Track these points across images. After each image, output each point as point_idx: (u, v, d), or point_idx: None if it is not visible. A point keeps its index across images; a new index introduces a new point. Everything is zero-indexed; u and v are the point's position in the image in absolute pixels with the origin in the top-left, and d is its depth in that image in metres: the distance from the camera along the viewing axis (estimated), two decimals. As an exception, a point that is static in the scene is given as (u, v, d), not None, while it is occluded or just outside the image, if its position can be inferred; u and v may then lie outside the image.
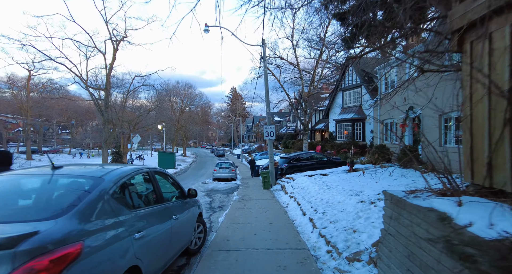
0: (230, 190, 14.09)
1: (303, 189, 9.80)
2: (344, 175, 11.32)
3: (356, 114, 20.77)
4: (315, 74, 19.09)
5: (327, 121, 30.71)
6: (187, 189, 4.58)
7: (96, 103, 25.14)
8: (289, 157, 15.61)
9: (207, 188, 15.35)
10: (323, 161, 15.71)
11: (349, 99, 22.44)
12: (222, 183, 17.54)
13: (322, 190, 8.61)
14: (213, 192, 13.47)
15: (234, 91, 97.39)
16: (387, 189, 7.00)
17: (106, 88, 24.85)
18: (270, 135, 13.82)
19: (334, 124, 23.70)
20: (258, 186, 14.54)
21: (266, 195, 11.16)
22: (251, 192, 12.20)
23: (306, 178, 11.46)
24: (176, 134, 48.30)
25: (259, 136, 70.42)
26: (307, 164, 15.42)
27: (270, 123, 13.91)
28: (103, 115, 24.87)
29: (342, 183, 9.30)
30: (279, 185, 13.29)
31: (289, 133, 40.26)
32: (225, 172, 18.77)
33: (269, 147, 14.01)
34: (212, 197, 11.54)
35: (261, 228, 5.84)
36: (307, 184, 10.36)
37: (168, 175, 4.26)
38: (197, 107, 53.50)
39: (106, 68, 24.33)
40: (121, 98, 29.42)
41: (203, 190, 14.28)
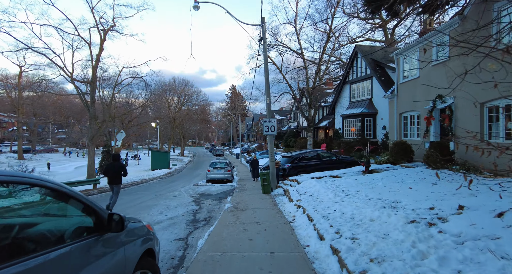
0: (224, 195, 12.08)
1: (313, 195, 7.77)
2: (361, 178, 9.29)
3: (366, 109, 18.73)
4: (321, 63, 17.01)
5: (331, 118, 28.66)
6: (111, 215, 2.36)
7: (82, 97, 23.11)
8: (292, 156, 13.59)
9: (198, 191, 13.33)
10: (332, 160, 13.69)
11: (357, 93, 20.40)
12: (216, 186, 15.53)
13: (339, 199, 6.58)
14: (203, 197, 11.45)
15: (233, 90, 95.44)
16: (435, 199, 4.93)
17: (92, 81, 22.81)
18: (270, 130, 11.79)
19: (341, 120, 21.65)
20: (256, 190, 12.52)
21: (266, 202, 9.13)
22: (248, 198, 10.17)
23: (314, 181, 9.43)
24: (172, 133, 46.28)
25: (259, 135, 68.37)
26: (313, 164, 13.40)
27: (270, 116, 11.89)
28: (89, 110, 22.86)
29: (363, 189, 7.27)
30: (282, 189, 11.27)
31: (291, 131, 38.22)
32: (220, 173, 16.75)
33: (270, 144, 12.00)
34: (200, 204, 9.51)
35: (257, 263, 3.80)
36: (316, 188, 8.33)
37: (71, 194, 2.11)
38: (194, 104, 51.49)
39: (92, 59, 22.29)
40: (110, 93, 27.40)
41: (192, 194, 12.26)
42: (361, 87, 19.95)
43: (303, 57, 17.48)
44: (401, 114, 13.06)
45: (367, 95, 19.35)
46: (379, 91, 18.03)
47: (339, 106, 22.74)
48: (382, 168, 10.98)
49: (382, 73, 17.91)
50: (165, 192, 12.94)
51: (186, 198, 10.88)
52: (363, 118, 18.92)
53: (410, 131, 12.52)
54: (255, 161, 16.97)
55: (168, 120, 46.45)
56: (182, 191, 13.19)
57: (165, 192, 13.17)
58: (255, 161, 17.00)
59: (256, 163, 16.93)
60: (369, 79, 18.93)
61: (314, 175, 11.24)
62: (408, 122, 12.62)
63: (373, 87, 18.72)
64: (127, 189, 15.29)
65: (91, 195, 12.63)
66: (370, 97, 18.92)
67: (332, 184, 8.70)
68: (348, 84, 21.33)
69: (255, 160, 17.04)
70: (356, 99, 20.41)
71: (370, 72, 18.54)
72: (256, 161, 17.08)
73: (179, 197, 11.38)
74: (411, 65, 12.12)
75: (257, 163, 16.95)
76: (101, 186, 15.31)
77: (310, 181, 9.27)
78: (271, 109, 12.03)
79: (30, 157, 57.04)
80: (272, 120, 11.87)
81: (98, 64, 23.24)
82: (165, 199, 10.66)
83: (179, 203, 9.65)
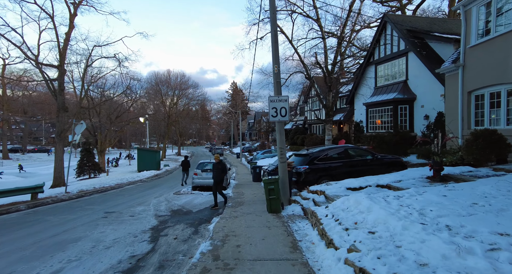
0: (209, 213, 7.99)
1: (381, 237, 3.62)
2: (445, 190, 5.17)
3: (400, 94, 14.55)
4: (344, 34, 12.80)
5: (346, 111, 24.48)
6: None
7: (49, 84, 19.16)
8: (310, 155, 9.45)
9: (173, 205, 9.26)
10: (366, 160, 9.56)
11: (386, 75, 16.21)
12: (204, 195, 11.46)
13: (470, 255, 2.45)
14: (174, 218, 7.37)
15: (234, 86, 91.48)
16: None
17: (60, 64, 18.84)
18: (280, 114, 7.68)
19: (363, 110, 17.47)
20: (259, 204, 8.44)
21: (277, 239, 5.03)
22: (244, 224, 6.07)
23: (362, 197, 5.20)
24: (168, 130, 42.20)
25: (261, 134, 64.24)
26: (340, 166, 9.28)
27: (279, 93, 7.76)
28: (57, 99, 18.89)
29: (483, 219, 3.15)
30: (298, 206, 7.15)
31: (297, 128, 34.03)
32: (210, 176, 12.63)
33: (278, 136, 7.87)
34: (157, 240, 5.35)
35: None
36: (378, 216, 4.18)
37: None
38: (191, 99, 47.36)
39: (57, 37, 18.30)
40: (88, 81, 23.44)
41: (162, 211, 8.18)
42: (392, 68, 15.75)
43: (320, 24, 13.29)
44: (470, 93, 8.88)
45: (400, 77, 15.16)
46: (418, 71, 13.85)
47: (359, 94, 18.54)
48: (460, 172, 6.83)
49: (423, 46, 13.71)
50: (125, 207, 8.87)
51: (145, 222, 6.79)
52: (395, 106, 14.73)
53: (490, 116, 8.35)
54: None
55: (162, 116, 42.45)
56: (151, 206, 9.10)
57: (125, 206, 9.09)
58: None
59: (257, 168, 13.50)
60: (404, 56, 14.73)
61: (350, 184, 7.11)
62: (486, 104, 8.44)
63: (408, 66, 14.52)
64: (84, 198, 11.25)
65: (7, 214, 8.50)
66: (405, 79, 14.73)
67: (401, 204, 4.57)
68: (372, 66, 17.13)
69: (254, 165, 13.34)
70: (385, 83, 16.22)
71: (406, 47, 14.35)
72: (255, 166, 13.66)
73: (137, 218, 7.30)
74: (495, 15, 7.91)
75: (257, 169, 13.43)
76: (48, 195, 11.27)
77: (355, 198, 5.10)
78: (280, 83, 7.89)
79: (16, 157, 53.42)
80: (282, 98, 7.75)
81: (67, 45, 19.26)
82: (110, 224, 6.58)
83: (122, 236, 5.55)
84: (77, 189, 13.47)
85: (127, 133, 61.44)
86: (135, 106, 44.47)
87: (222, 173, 8.84)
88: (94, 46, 18.42)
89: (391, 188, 6.73)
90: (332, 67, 13.40)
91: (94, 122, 30.33)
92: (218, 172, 8.77)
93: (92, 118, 30.00)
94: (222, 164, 9.04)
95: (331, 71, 13.26)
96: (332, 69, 13.32)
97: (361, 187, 7.00)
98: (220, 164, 8.98)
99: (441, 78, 12.08)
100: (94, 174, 26.28)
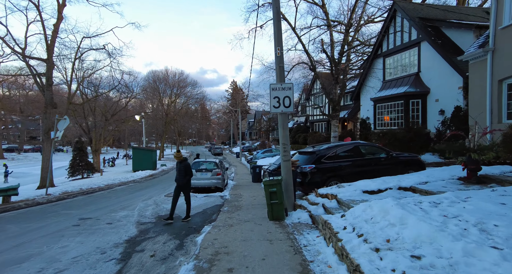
0: (200, 220, 6.88)
1: (440, 272, 2.48)
2: (497, 196, 4.06)
3: (412, 87, 13.42)
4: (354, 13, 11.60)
5: (351, 107, 23.37)
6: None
7: (36, 79, 18.09)
8: (317, 152, 8.32)
9: (163, 209, 8.15)
10: (379, 159, 8.43)
11: (396, 68, 15.07)
12: (198, 197, 10.35)
13: None
14: (161, 225, 6.28)
15: (234, 85, 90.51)
16: None
17: (48, 58, 17.75)
18: (283, 105, 6.56)
19: (371, 106, 16.33)
20: (258, 209, 7.34)
21: (281, 259, 3.91)
22: (239, 236, 4.95)
23: (381, 202, 4.09)
24: (165, 129, 41.05)
25: (261, 133, 63.09)
26: (351, 165, 8.15)
27: (282, 80, 6.64)
28: (44, 95, 17.82)
29: None
30: (305, 212, 6.03)
31: (298, 126, 32.89)
32: (206, 177, 11.54)
33: (281, 130, 6.74)
34: (128, 259, 4.23)
35: None
36: (418, 232, 3.06)
37: None
38: (189, 97, 46.18)
39: (43, 29, 17.21)
40: (81, 76, 22.34)
41: (146, 218, 7.07)
42: (402, 59, 14.61)
43: (325, 9, 12.14)
44: (502, 82, 7.75)
45: (411, 70, 14.02)
46: (431, 62, 12.72)
47: (366, 89, 17.41)
48: (500, 172, 5.71)
49: (438, 35, 12.58)
50: (105, 213, 7.74)
51: (123, 232, 5.66)
52: (407, 101, 13.59)
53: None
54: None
55: (160, 114, 41.33)
56: (136, 210, 7.98)
57: (106, 211, 7.96)
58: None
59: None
60: (415, 46, 13.59)
61: (367, 187, 6.00)
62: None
63: (421, 57, 13.38)
64: (65, 201, 10.14)
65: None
66: (417, 72, 13.59)
67: (445, 214, 3.45)
68: (380, 58, 15.99)
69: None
70: (394, 77, 15.08)
71: (418, 36, 13.21)
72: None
73: (114, 226, 6.18)
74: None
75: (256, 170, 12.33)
76: (25, 197, 10.16)
77: (380, 205, 3.97)
78: (283, 68, 6.76)
79: (12, 157, 52.34)
80: (286, 86, 6.62)
81: (56, 37, 18.16)
82: (78, 235, 5.46)
83: (87, 252, 4.42)
84: (61, 191, 12.38)
85: (125, 132, 60.43)
86: (134, 105, 43.43)
87: (186, 176, 6.96)
88: (83, 38, 17.32)
89: (416, 191, 5.61)
90: (339, 57, 12.27)
91: (88, 120, 29.27)
92: (180, 174, 6.93)
93: (87, 116, 28.95)
94: (185, 164, 7.01)
95: (337, 62, 12.12)
96: (339, 60, 12.20)
97: (380, 190, 5.88)
98: (182, 163, 7.00)
99: (459, 68, 10.96)
100: (87, 174, 25.22)
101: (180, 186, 6.95)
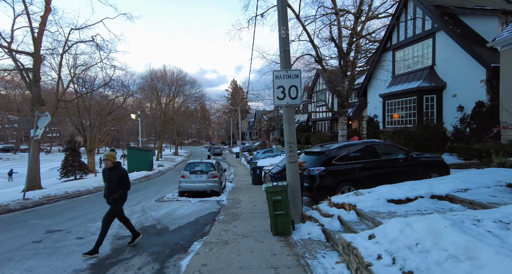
0: (190, 232, 5.80)
1: None
2: None
3: (426, 82, 12.34)
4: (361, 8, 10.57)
5: (356, 106, 22.29)
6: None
7: (23, 74, 17.04)
8: (326, 153, 7.24)
9: (150, 218, 7.07)
10: (397, 160, 7.35)
11: (407, 61, 13.98)
12: (192, 202, 9.27)
13: None
14: (142, 240, 5.18)
15: (234, 84, 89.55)
16: None
17: (35, 51, 16.68)
18: (289, 96, 5.49)
19: (379, 103, 15.26)
20: (260, 217, 6.29)
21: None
22: (236, 258, 3.88)
23: (429, 220, 3.03)
24: (163, 129, 39.94)
25: (262, 133, 61.98)
26: (365, 167, 7.07)
27: (287, 66, 5.56)
28: (31, 91, 16.79)
29: None
30: (316, 226, 4.94)
31: (300, 125, 31.79)
32: (201, 180, 10.45)
33: (287, 126, 5.65)
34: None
35: None
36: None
37: None
38: (188, 96, 45.07)
39: (29, 20, 16.13)
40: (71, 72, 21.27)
41: (125, 230, 5.98)
42: (414, 52, 13.52)
43: (332, -5, 11.04)
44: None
45: (425, 63, 12.94)
46: (448, 53, 11.64)
47: (373, 85, 16.34)
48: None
49: (456, 24, 11.50)
50: (81, 222, 6.67)
51: (78, 258, 4.52)
52: (420, 96, 12.51)
53: None
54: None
55: (158, 114, 40.25)
56: (116, 220, 6.88)
57: (82, 220, 6.89)
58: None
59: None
60: (430, 37, 12.50)
61: (392, 195, 4.92)
62: None
63: (436, 49, 12.30)
64: (41, 208, 9.06)
65: None
66: (431, 65, 12.50)
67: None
68: (389, 52, 14.92)
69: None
70: (405, 71, 13.99)
71: (433, 26, 12.13)
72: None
73: (85, 241, 5.11)
74: None
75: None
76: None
77: (427, 225, 2.91)
78: (289, 51, 5.67)
79: (7, 157, 51.26)
80: (292, 73, 5.55)
81: (43, 29, 17.08)
82: (32, 257, 4.38)
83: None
84: (42, 194, 11.29)
85: (124, 132, 59.37)
86: (132, 105, 42.33)
87: (120, 189, 4.74)
88: (71, 29, 16.20)
89: (456, 201, 4.54)
90: (348, 48, 11.19)
91: (83, 119, 28.19)
92: (110, 185, 4.73)
93: (82, 115, 27.88)
94: (120, 172, 4.77)
95: (346, 53, 11.05)
96: (348, 50, 11.13)
97: (409, 198, 4.80)
98: (114, 171, 4.72)
99: (483, 59, 9.87)
100: (80, 175, 24.18)
101: (110, 202, 4.79)
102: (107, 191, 4.80)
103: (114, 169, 4.77)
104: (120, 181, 4.75)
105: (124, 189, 4.84)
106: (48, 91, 28.77)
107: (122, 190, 4.80)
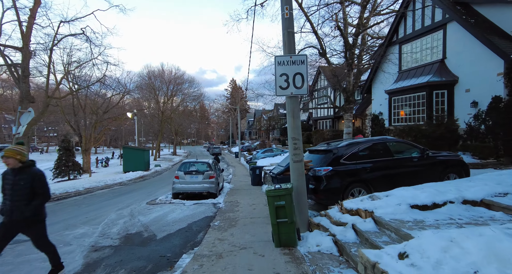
0: (180, 242, 5.06)
1: None
2: None
3: (436, 76, 11.61)
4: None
5: (359, 103, 21.58)
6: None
7: (11, 69, 16.29)
8: (334, 151, 6.51)
9: (137, 223, 6.33)
10: (412, 159, 6.60)
11: (415, 55, 13.24)
12: (186, 205, 8.53)
13: None
14: (122, 251, 4.48)
15: (234, 84, 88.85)
16: None
17: (23, 46, 15.92)
18: (293, 85, 4.76)
19: (385, 100, 14.54)
20: (259, 223, 5.56)
21: None
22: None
23: (483, 239, 2.32)
24: (161, 128, 39.17)
25: (261, 133, 61.18)
26: (377, 167, 6.32)
27: (291, 51, 4.83)
28: (20, 87, 16.04)
29: None
30: (326, 236, 4.20)
31: (301, 124, 30.99)
32: (196, 180, 9.70)
33: (291, 120, 4.92)
34: None
35: None
36: None
37: None
38: (186, 95, 44.27)
39: (17, 12, 15.37)
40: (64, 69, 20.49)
41: (113, 234, 5.29)
42: (423, 45, 12.79)
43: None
44: None
45: (435, 56, 12.21)
46: (460, 46, 10.91)
47: (378, 82, 15.62)
48: None
49: (469, 14, 10.78)
50: (58, 229, 5.94)
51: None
52: (429, 92, 11.78)
53: None
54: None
55: (155, 113, 39.47)
56: (100, 226, 6.16)
57: (60, 227, 6.16)
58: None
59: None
60: (440, 29, 11.77)
61: (415, 199, 4.19)
62: None
63: (447, 41, 11.57)
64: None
65: None
66: (442, 58, 11.77)
67: None
68: (396, 46, 14.19)
69: None
70: (413, 66, 13.26)
71: (444, 16, 11.40)
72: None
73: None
74: None
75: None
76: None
77: (485, 244, 2.21)
78: (293, 33, 4.93)
79: (2, 157, 50.32)
80: (297, 58, 4.81)
81: (33, 23, 16.32)
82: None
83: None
84: (27, 196, 10.51)
85: (123, 131, 58.54)
86: (130, 104, 41.52)
87: (33, 200, 3.19)
88: (61, 22, 15.40)
89: (495, 207, 3.80)
90: (354, 39, 10.46)
91: (78, 118, 27.42)
92: (15, 195, 3.16)
93: (77, 113, 27.11)
94: (33, 173, 3.23)
95: (353, 44, 10.33)
96: (354, 42, 10.41)
97: (436, 204, 4.06)
98: (21, 173, 3.19)
99: (501, 50, 9.15)
100: (74, 175, 23.40)
101: (18, 222, 3.18)
102: (10, 205, 3.13)
103: (22, 171, 3.18)
104: (34, 188, 3.17)
105: (40, 200, 3.22)
106: (42, 89, 28.07)
107: (36, 202, 3.18)
